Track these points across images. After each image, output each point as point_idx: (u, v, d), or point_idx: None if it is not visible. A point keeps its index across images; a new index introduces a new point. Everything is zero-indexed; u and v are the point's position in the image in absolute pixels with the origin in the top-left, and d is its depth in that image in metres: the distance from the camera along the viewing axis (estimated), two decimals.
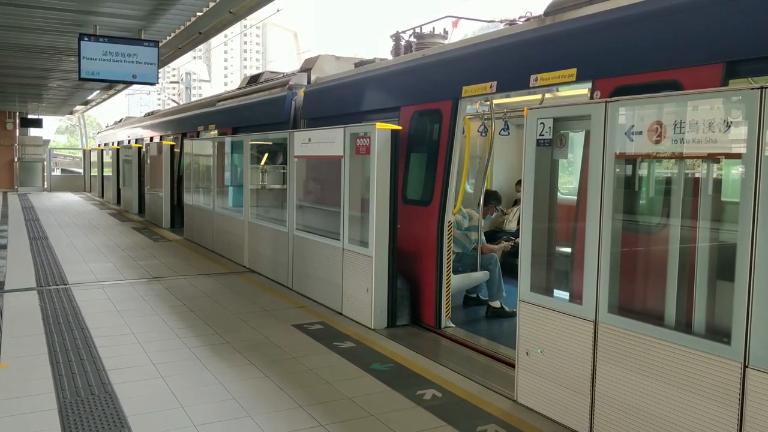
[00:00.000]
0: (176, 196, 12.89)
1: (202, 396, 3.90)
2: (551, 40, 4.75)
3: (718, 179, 3.19)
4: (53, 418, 3.52)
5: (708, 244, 3.06)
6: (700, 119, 2.86)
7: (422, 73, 6.29)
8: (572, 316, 3.50)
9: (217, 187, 9.79)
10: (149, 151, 14.38)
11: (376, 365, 4.52)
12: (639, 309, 3.37)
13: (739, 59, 3.37)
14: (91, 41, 9.23)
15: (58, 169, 31.77)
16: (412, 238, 5.85)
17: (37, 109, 24.79)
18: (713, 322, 3.00)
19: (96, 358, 4.56)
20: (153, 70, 9.82)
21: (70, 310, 5.96)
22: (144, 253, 9.39)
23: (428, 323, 5.67)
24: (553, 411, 3.63)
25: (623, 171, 3.47)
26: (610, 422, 3.28)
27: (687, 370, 2.89)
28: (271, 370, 4.37)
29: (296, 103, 8.82)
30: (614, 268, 3.32)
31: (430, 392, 4.01)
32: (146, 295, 6.61)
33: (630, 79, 3.94)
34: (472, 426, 3.52)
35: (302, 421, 3.55)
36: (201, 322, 5.59)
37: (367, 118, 6.75)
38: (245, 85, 12.06)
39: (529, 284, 3.81)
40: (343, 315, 5.92)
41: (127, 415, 3.59)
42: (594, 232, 3.35)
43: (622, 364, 3.21)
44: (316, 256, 6.48)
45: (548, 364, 3.67)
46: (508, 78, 5.05)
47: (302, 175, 7.26)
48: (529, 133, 3.81)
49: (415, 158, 6.15)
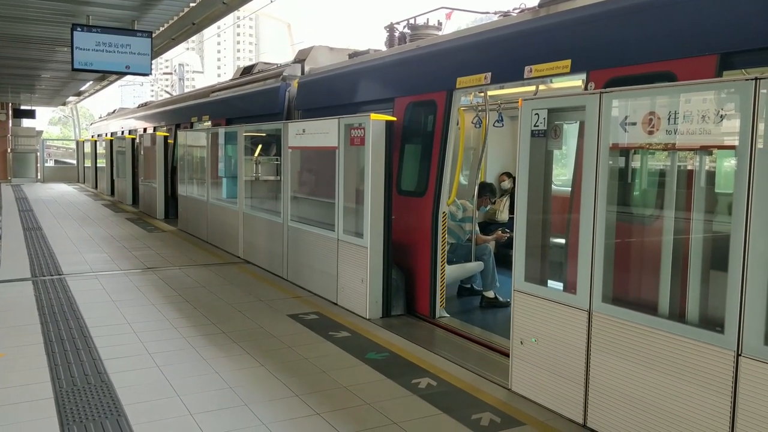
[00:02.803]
0: (170, 187, 12.86)
1: (197, 385, 3.91)
2: (545, 31, 4.75)
3: (711, 170, 3.21)
4: (49, 407, 3.52)
5: (702, 234, 3.08)
6: (694, 110, 2.87)
7: (417, 64, 6.28)
8: (566, 306, 3.52)
9: (212, 178, 9.77)
10: (143, 142, 14.30)
11: (371, 354, 4.54)
12: (633, 299, 3.40)
13: (732, 51, 3.39)
14: (83, 32, 9.15)
15: (52, 160, 31.61)
16: (407, 228, 5.86)
17: (30, 100, 24.57)
18: (707, 311, 3.02)
19: (91, 348, 4.57)
20: (146, 61, 9.75)
21: (65, 300, 5.95)
22: (138, 244, 9.37)
23: (423, 313, 5.69)
24: (548, 399, 3.67)
25: (617, 162, 3.48)
26: (604, 410, 3.32)
27: (681, 359, 2.92)
28: (267, 360, 4.39)
29: (290, 94, 8.79)
30: (608, 258, 3.34)
31: (425, 381, 4.04)
32: (141, 286, 6.60)
33: (624, 71, 3.95)
34: (466, 414, 3.55)
35: (298, 410, 3.57)
36: (196, 312, 5.59)
37: (362, 109, 6.74)
38: (239, 76, 12.01)
39: (523, 274, 3.84)
40: (338, 305, 5.94)
41: (123, 403, 3.60)
42: (588, 222, 3.37)
43: (616, 353, 3.24)
44: (312, 247, 6.49)
45: (542, 353, 3.70)
46: (502, 69, 5.05)
47: (297, 166, 7.25)
48: (523, 124, 3.81)
49: (409, 149, 6.15)
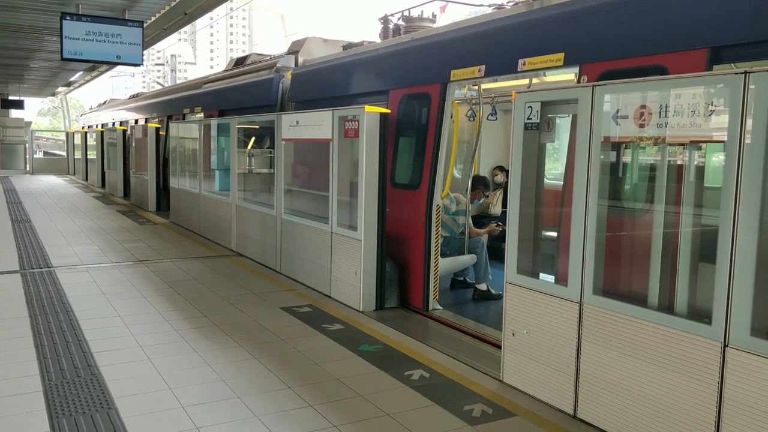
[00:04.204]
0: (162, 179, 12.78)
1: (190, 378, 3.91)
2: (539, 24, 4.76)
3: (701, 164, 3.23)
4: (39, 400, 3.51)
5: (691, 228, 3.11)
6: (684, 104, 2.89)
7: (411, 56, 6.27)
8: (558, 298, 3.55)
9: (204, 170, 9.72)
10: (134, 134, 14.20)
11: (364, 347, 4.56)
12: (623, 291, 3.43)
13: (722, 45, 3.42)
14: (73, 20, 9.06)
15: (41, 151, 31.34)
16: (401, 221, 5.87)
17: (19, 91, 24.32)
18: (695, 303, 3.06)
19: (81, 341, 4.54)
20: (137, 51, 9.67)
21: (55, 293, 5.92)
22: (130, 236, 9.32)
23: (416, 306, 5.71)
24: (539, 390, 3.70)
25: (609, 156, 3.50)
26: (594, 401, 3.35)
27: (669, 350, 2.95)
28: (260, 352, 4.39)
29: (284, 85, 8.74)
30: (599, 251, 3.37)
31: (417, 373, 4.06)
32: (132, 278, 6.58)
33: (616, 64, 3.96)
34: (459, 405, 3.57)
35: (291, 402, 3.58)
36: (188, 305, 5.58)
37: (356, 101, 6.71)
38: (232, 67, 11.92)
39: (515, 266, 3.85)
40: (332, 298, 5.95)
41: (114, 397, 3.58)
42: (580, 215, 3.39)
43: (606, 344, 3.27)
44: (305, 240, 6.49)
45: (534, 345, 3.73)
46: (496, 62, 5.05)
47: (290, 158, 7.22)
48: (517, 116, 3.82)
49: (403, 142, 6.15)
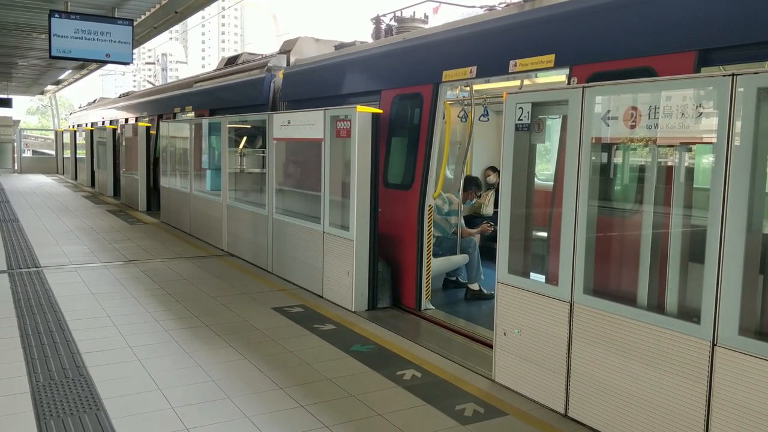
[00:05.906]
0: (152, 178, 12.70)
1: (179, 378, 3.88)
2: (530, 26, 4.78)
3: (690, 164, 3.26)
4: (26, 402, 3.47)
5: (680, 228, 3.14)
6: (673, 106, 2.92)
7: (403, 56, 6.27)
8: (549, 297, 3.56)
9: (195, 170, 9.67)
10: (124, 133, 14.10)
11: (356, 347, 4.55)
12: (613, 290, 3.45)
13: (710, 47, 3.45)
14: (62, 18, 8.99)
15: (29, 150, 31.03)
16: (393, 221, 5.87)
17: (7, 89, 24.08)
18: (684, 302, 3.08)
19: (70, 341, 4.51)
20: (127, 50, 9.61)
21: (43, 293, 5.86)
22: (119, 236, 9.26)
23: (408, 305, 5.72)
24: (530, 390, 3.71)
25: (599, 156, 3.52)
26: (585, 400, 3.37)
27: (659, 349, 2.97)
28: (251, 353, 4.37)
29: (275, 85, 8.72)
30: (589, 251, 3.39)
31: (409, 372, 4.06)
32: (122, 278, 6.53)
33: (606, 66, 3.99)
34: (450, 405, 3.58)
35: (282, 402, 3.57)
36: (179, 306, 5.55)
37: (348, 101, 6.71)
38: (223, 66, 11.87)
39: (507, 266, 3.87)
40: (324, 298, 5.94)
41: (103, 397, 3.55)
42: (570, 215, 3.41)
43: (596, 343, 3.29)
44: (297, 240, 6.47)
45: (525, 344, 3.74)
46: (487, 63, 5.07)
47: (282, 158, 7.20)
48: (508, 117, 3.84)
49: (396, 142, 6.15)
